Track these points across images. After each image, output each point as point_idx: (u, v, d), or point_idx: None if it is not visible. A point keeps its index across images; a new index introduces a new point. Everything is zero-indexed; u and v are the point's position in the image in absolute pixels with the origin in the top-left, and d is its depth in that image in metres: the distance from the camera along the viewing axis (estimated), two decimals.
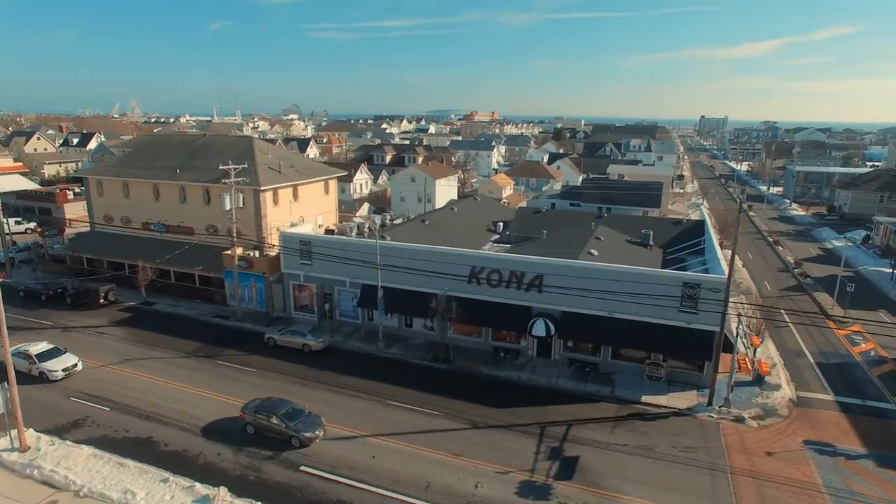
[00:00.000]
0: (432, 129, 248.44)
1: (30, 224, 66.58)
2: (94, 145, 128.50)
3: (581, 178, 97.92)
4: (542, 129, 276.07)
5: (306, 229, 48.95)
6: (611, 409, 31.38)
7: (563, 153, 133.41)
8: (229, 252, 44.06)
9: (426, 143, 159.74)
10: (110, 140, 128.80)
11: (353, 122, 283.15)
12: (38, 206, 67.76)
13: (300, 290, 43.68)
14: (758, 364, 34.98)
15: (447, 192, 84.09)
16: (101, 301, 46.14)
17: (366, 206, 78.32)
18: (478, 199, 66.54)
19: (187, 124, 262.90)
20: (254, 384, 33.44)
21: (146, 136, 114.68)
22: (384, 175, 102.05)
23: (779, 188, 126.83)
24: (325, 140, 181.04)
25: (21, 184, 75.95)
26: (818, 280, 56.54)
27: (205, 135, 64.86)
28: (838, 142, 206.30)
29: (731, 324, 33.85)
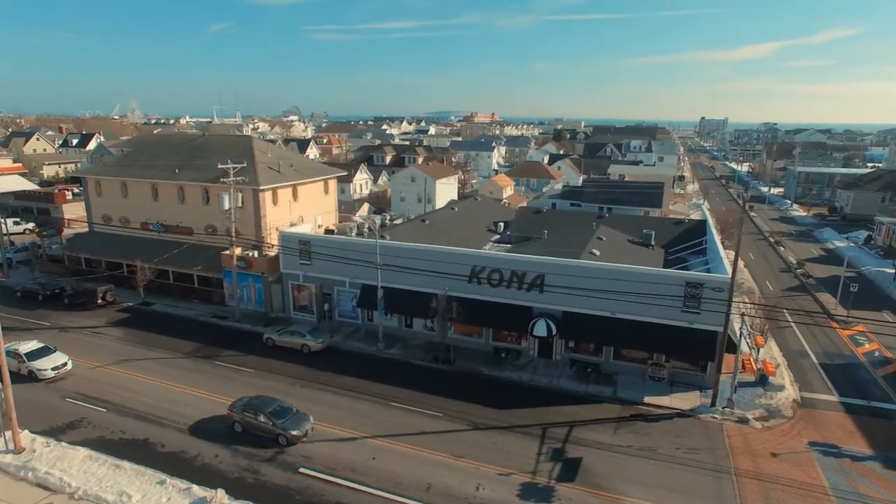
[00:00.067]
0: (432, 131, 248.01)
1: (28, 224, 66.32)
2: (93, 146, 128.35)
3: (581, 178, 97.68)
4: (543, 130, 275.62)
5: (306, 229, 48.65)
6: (613, 410, 31.06)
7: (563, 154, 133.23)
8: (228, 252, 43.78)
9: (426, 143, 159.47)
10: (109, 141, 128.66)
11: (353, 124, 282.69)
12: (36, 207, 67.44)
13: (299, 291, 43.39)
14: (763, 364, 34.63)
15: (447, 192, 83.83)
16: (99, 301, 45.86)
17: (366, 206, 78.03)
18: (478, 200, 66.29)
19: (187, 126, 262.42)
20: (251, 385, 33.08)
21: (145, 135, 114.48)
22: (384, 175, 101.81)
23: (780, 189, 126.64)
24: (325, 141, 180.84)
25: (20, 184, 75.59)
26: (820, 280, 56.26)
27: (204, 134, 64.61)
28: (839, 143, 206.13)
29: (735, 324, 33.51)
